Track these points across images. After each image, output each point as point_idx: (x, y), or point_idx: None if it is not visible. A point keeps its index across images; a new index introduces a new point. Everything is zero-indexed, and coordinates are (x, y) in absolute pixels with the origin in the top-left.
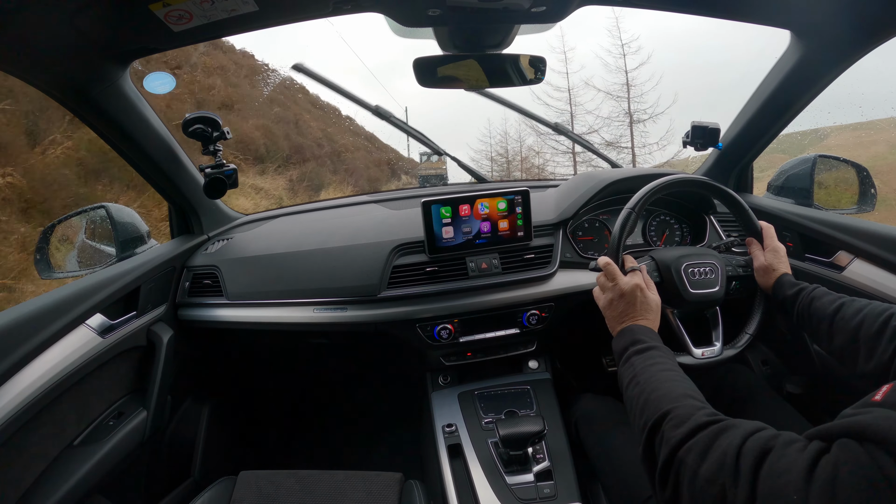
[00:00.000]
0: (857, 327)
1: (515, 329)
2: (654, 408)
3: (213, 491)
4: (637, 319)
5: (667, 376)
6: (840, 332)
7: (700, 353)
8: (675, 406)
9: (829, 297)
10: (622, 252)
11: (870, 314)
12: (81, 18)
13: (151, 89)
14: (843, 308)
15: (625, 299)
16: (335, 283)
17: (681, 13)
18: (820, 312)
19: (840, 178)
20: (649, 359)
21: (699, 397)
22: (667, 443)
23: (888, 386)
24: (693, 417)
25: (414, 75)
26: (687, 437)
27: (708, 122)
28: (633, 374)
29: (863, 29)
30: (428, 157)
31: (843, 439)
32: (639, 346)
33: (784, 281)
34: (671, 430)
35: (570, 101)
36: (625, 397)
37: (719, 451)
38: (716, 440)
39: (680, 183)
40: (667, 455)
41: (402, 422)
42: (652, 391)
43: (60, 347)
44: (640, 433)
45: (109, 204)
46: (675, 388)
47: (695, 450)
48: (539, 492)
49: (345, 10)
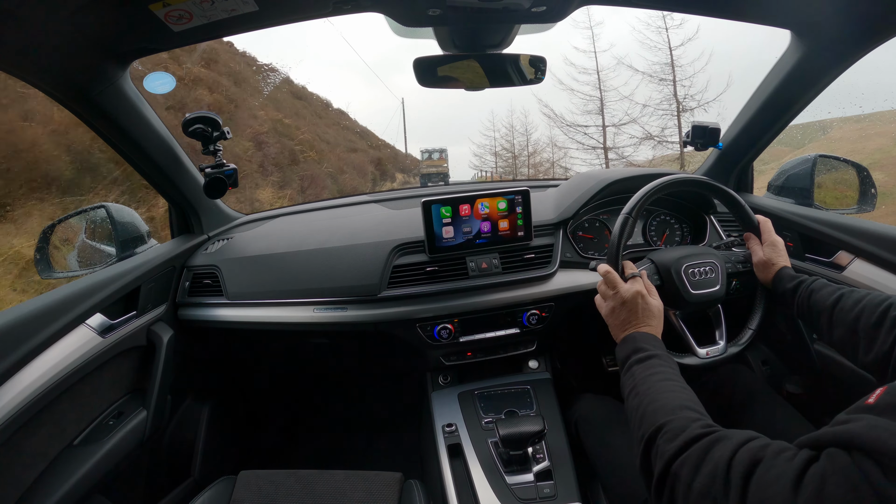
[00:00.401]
0: (857, 318)
1: (515, 329)
2: (650, 420)
3: (213, 491)
4: (639, 327)
5: (665, 386)
6: (839, 324)
7: (705, 353)
8: (670, 419)
9: (829, 289)
10: (622, 257)
11: (868, 305)
12: (81, 18)
13: (151, 89)
14: (842, 299)
15: (626, 307)
16: (335, 282)
17: (681, 13)
18: (819, 304)
19: (840, 178)
20: (649, 368)
21: (696, 407)
22: (661, 456)
23: (882, 389)
24: (686, 431)
25: (414, 75)
26: (680, 450)
27: (708, 122)
28: (634, 384)
29: (863, 28)
30: (429, 154)
31: (831, 448)
32: (640, 354)
33: (784, 274)
34: (665, 444)
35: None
36: (626, 407)
37: (711, 464)
38: (708, 452)
39: (678, 183)
40: (662, 468)
41: (402, 422)
42: (650, 403)
43: (60, 347)
44: (637, 445)
45: (110, 204)
46: (671, 399)
47: (688, 463)
48: (539, 492)
49: (345, 10)
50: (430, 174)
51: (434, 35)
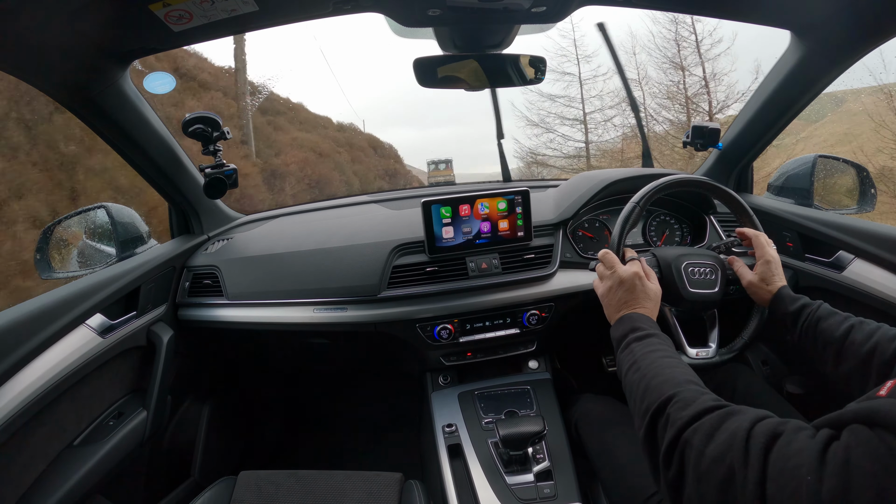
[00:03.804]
0: (870, 353)
1: (515, 329)
2: (657, 392)
3: (213, 491)
4: (636, 307)
5: (668, 363)
6: (850, 358)
7: (695, 354)
8: (680, 390)
9: (837, 318)
10: (623, 242)
11: (882, 339)
12: (81, 18)
13: (151, 89)
14: (852, 331)
15: (624, 286)
16: (335, 283)
17: (681, 13)
18: (826, 335)
19: (840, 177)
20: (649, 345)
21: (701, 384)
22: (672, 424)
23: (892, 381)
24: (699, 400)
25: (414, 75)
26: (694, 418)
27: (708, 122)
28: (633, 360)
29: (863, 29)
30: (435, 165)
31: (853, 425)
32: (638, 332)
33: (783, 295)
34: (677, 412)
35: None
36: (624, 383)
37: (728, 433)
38: (723, 423)
39: (680, 183)
40: (672, 436)
41: (402, 422)
42: (654, 376)
43: (60, 347)
44: (641, 418)
45: (110, 204)
46: (676, 373)
47: (701, 431)
48: (539, 492)
49: (345, 10)
50: (437, 183)
51: (434, 35)
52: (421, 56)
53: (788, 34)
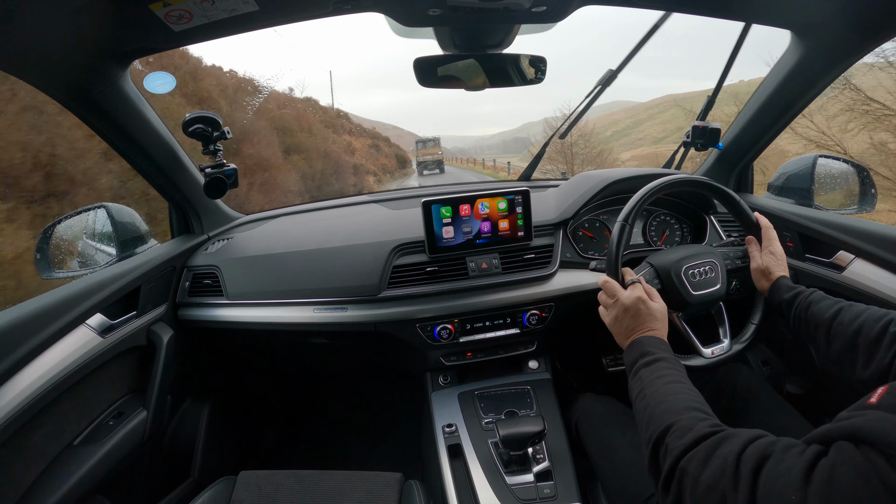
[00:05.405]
0: (856, 333)
1: (515, 329)
2: (658, 421)
3: (213, 491)
4: (644, 331)
5: (672, 389)
6: (838, 338)
7: (710, 353)
8: (678, 419)
9: (827, 302)
10: (620, 264)
11: (868, 319)
12: (81, 18)
13: (151, 89)
14: (840, 313)
15: (629, 313)
16: (335, 282)
17: (681, 13)
18: (817, 317)
19: (840, 178)
20: (656, 371)
21: (703, 408)
22: (670, 453)
23: (883, 388)
24: (695, 429)
25: (414, 75)
26: (689, 447)
27: (708, 122)
28: (641, 387)
29: (862, 29)
30: (423, 143)
31: (840, 442)
32: (647, 358)
33: (781, 284)
34: (674, 441)
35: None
36: (633, 410)
37: (720, 459)
38: (717, 449)
39: (677, 183)
40: (670, 465)
41: (401, 422)
42: (657, 405)
43: (60, 347)
44: (646, 446)
45: (110, 204)
46: (678, 401)
47: (696, 459)
48: (539, 492)
49: (345, 10)
50: (426, 161)
51: (434, 35)
52: (421, 56)
53: (788, 34)
